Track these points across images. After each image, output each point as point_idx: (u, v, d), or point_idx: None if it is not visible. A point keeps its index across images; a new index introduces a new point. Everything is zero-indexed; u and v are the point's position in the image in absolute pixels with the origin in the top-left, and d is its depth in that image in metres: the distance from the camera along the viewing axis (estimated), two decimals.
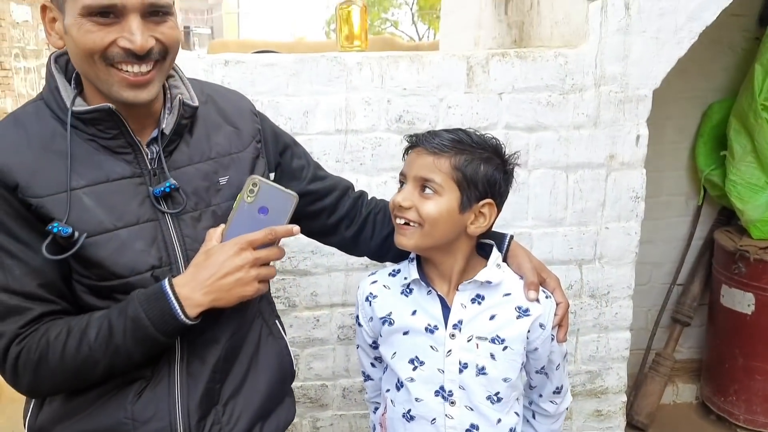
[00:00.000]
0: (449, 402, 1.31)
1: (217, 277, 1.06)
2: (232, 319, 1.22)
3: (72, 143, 1.07)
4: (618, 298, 2.15)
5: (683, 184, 3.20)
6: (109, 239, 1.07)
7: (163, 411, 1.15)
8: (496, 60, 1.94)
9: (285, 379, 1.39)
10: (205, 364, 1.19)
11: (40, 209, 1.04)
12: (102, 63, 1.03)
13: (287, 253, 2.02)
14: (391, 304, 1.37)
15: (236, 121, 1.27)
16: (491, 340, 1.30)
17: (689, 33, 1.97)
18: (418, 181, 1.25)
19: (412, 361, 1.33)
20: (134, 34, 1.02)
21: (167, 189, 1.11)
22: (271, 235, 1.09)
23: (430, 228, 1.25)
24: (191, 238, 1.14)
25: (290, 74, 1.89)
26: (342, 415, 2.18)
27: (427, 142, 1.26)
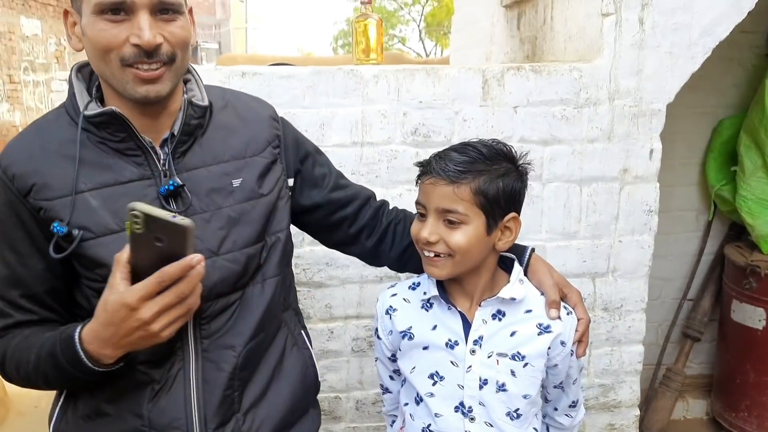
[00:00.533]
0: (469, 418, 1.31)
1: (119, 336, 1.01)
2: (247, 326, 1.21)
3: (85, 147, 1.11)
4: (631, 311, 2.15)
5: (694, 200, 3.20)
6: (113, 240, 1.09)
7: (179, 418, 1.15)
8: (511, 73, 1.96)
9: (309, 391, 1.38)
10: (222, 371, 1.18)
11: (49, 212, 1.09)
12: (118, 63, 1.06)
13: (302, 266, 2.04)
14: (411, 318, 1.36)
15: (253, 125, 1.28)
16: (511, 356, 1.30)
17: (703, 48, 1.98)
18: (441, 213, 1.23)
19: (431, 376, 1.33)
20: (142, 30, 1.04)
21: (171, 187, 1.12)
22: (163, 281, 0.96)
23: (462, 258, 1.25)
24: (200, 239, 1.14)
25: (307, 86, 1.91)
26: (355, 427, 2.18)
27: (443, 171, 1.22)
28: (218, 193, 1.19)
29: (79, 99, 1.13)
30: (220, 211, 1.18)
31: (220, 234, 1.17)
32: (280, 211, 1.29)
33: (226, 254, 1.18)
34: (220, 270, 1.17)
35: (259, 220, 1.23)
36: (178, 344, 1.16)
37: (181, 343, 1.16)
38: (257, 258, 1.23)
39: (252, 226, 1.21)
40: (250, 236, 1.21)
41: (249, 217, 1.21)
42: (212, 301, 1.17)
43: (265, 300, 1.24)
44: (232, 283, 1.19)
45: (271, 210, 1.25)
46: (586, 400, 2.21)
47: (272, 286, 1.26)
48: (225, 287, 1.18)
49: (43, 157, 1.11)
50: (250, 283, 1.23)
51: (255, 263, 1.22)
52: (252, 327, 1.22)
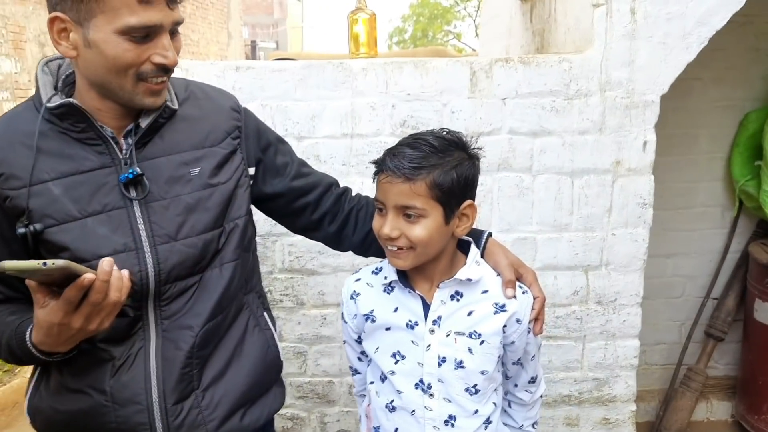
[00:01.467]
0: (428, 394, 1.35)
1: (63, 340, 1.10)
2: (204, 308, 1.27)
3: (48, 138, 1.18)
4: (626, 305, 2.13)
5: (718, 195, 3.11)
6: (74, 227, 1.16)
7: (140, 393, 1.21)
8: (499, 65, 1.97)
9: (270, 369, 1.43)
10: (179, 350, 1.24)
11: (14, 200, 1.15)
12: (134, 78, 1.13)
13: (295, 253, 2.10)
14: (373, 301, 1.41)
15: (213, 116, 1.33)
16: (468, 335, 1.34)
17: (698, 38, 1.94)
18: (399, 209, 1.27)
19: (394, 355, 1.38)
20: (167, 50, 1.13)
21: (130, 175, 1.18)
22: (72, 302, 1.03)
23: (423, 249, 1.29)
24: (158, 224, 1.21)
25: (298, 80, 1.97)
26: (349, 411, 2.24)
27: (398, 169, 1.25)
28: (177, 182, 1.24)
29: (43, 92, 1.20)
30: (178, 199, 1.24)
31: (177, 220, 1.23)
32: (239, 198, 1.34)
33: (184, 239, 1.24)
34: (178, 254, 1.23)
35: (217, 207, 1.28)
36: (139, 324, 1.23)
37: (142, 323, 1.23)
38: (215, 243, 1.28)
39: (209, 213, 1.27)
40: (208, 222, 1.27)
41: (206, 205, 1.27)
42: (171, 284, 1.23)
43: (223, 283, 1.30)
44: (189, 267, 1.25)
45: (229, 198, 1.31)
46: (579, 393, 2.20)
47: (230, 270, 1.31)
48: (183, 270, 1.24)
49: (8, 148, 1.17)
50: (208, 267, 1.28)
51: (213, 248, 1.28)
52: (209, 309, 1.27)
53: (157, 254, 1.21)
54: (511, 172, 2.04)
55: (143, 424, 1.22)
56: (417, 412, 1.36)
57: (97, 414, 1.22)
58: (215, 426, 1.28)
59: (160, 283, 1.21)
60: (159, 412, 1.22)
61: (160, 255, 1.21)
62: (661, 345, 3.23)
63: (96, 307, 1.05)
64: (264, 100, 1.97)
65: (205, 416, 1.27)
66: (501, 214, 2.06)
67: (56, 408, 1.26)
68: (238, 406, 1.33)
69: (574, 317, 2.14)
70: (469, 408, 1.36)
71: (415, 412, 1.36)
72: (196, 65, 1.98)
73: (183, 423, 1.24)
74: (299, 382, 2.21)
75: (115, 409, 1.21)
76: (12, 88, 6.54)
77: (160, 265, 1.21)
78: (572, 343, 2.17)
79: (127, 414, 1.21)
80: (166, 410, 1.23)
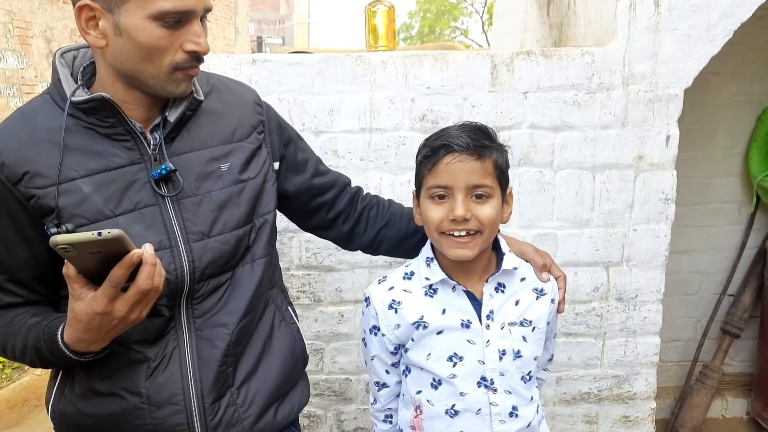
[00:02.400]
0: (492, 390, 1.34)
1: (102, 334, 1.06)
2: (238, 305, 1.25)
3: (73, 134, 1.13)
4: (647, 302, 2.10)
5: (736, 191, 3.08)
6: (107, 225, 1.11)
7: (177, 394, 1.19)
8: (520, 59, 1.94)
9: (297, 364, 1.42)
10: (216, 348, 1.22)
11: (41, 200, 1.11)
12: (169, 67, 1.11)
13: (312, 250, 2.08)
14: (420, 307, 1.37)
15: (238, 110, 1.31)
16: (520, 323, 1.36)
17: (723, 30, 1.91)
18: (470, 190, 1.25)
19: (450, 358, 1.35)
20: (200, 37, 1.11)
21: (163, 171, 1.15)
22: (118, 283, 1.00)
23: (490, 232, 1.28)
24: (191, 222, 1.19)
25: (316, 73, 1.95)
26: (366, 409, 2.21)
27: (468, 147, 1.24)
28: (207, 178, 1.22)
29: (65, 85, 1.15)
30: (209, 195, 1.22)
31: (210, 216, 1.21)
32: (267, 193, 1.32)
33: (218, 236, 1.22)
34: (212, 251, 1.21)
35: (248, 203, 1.26)
36: (171, 324, 1.20)
37: (174, 323, 1.20)
38: (246, 239, 1.27)
39: (241, 209, 1.25)
40: (240, 218, 1.25)
41: (238, 200, 1.25)
42: (204, 282, 1.21)
43: (255, 279, 1.28)
44: (223, 264, 1.23)
45: (258, 193, 1.29)
46: (599, 391, 2.18)
47: (261, 266, 1.30)
48: (216, 268, 1.22)
49: (32, 145, 1.12)
50: (240, 263, 1.27)
51: (244, 244, 1.27)
52: (244, 305, 1.26)
53: (192, 252, 1.19)
54: (532, 167, 2.01)
55: (181, 425, 1.20)
56: (483, 410, 1.35)
57: (131, 417, 1.20)
58: (251, 423, 1.27)
59: (194, 281, 1.20)
60: (197, 412, 1.21)
61: (195, 252, 1.19)
62: (677, 342, 3.20)
63: (145, 295, 1.03)
64: (281, 94, 1.95)
65: (241, 414, 1.26)
66: (521, 209, 2.04)
67: (85, 412, 1.23)
68: (271, 401, 1.32)
69: (595, 314, 2.12)
70: (526, 396, 1.38)
71: (480, 411, 1.35)
72: (211, 58, 1.95)
73: (221, 422, 1.23)
74: (316, 380, 2.19)
75: (152, 411, 1.19)
76: (18, 83, 6.52)
77: (195, 262, 1.19)
78: (592, 340, 2.14)
79: (165, 415, 1.19)
80: (204, 410, 1.21)
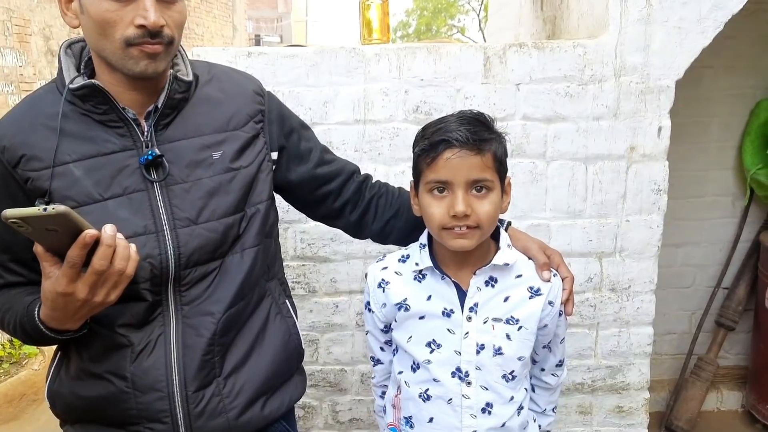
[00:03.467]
0: (465, 382, 1.34)
1: (69, 314, 1.08)
2: (226, 294, 1.26)
3: (70, 120, 1.17)
4: (640, 292, 2.11)
5: (730, 184, 3.10)
6: (95, 209, 1.15)
7: (161, 380, 1.20)
8: (513, 51, 1.95)
9: (291, 357, 1.42)
10: (201, 336, 1.23)
11: (35, 182, 1.15)
12: (122, 42, 1.11)
13: (307, 240, 2.09)
14: (405, 290, 1.38)
15: (236, 99, 1.31)
16: (506, 320, 1.33)
17: (714, 22, 1.92)
18: (470, 185, 1.24)
19: (429, 344, 1.36)
20: (148, 11, 1.09)
21: (150, 156, 1.17)
22: (75, 263, 1.00)
23: (489, 226, 1.27)
24: (179, 208, 1.20)
25: (310, 65, 1.96)
26: (360, 400, 2.23)
27: (467, 141, 1.22)
28: (198, 165, 1.23)
29: (66, 73, 1.19)
30: (199, 182, 1.23)
31: (199, 204, 1.22)
32: (261, 183, 1.32)
33: (205, 223, 1.22)
34: (199, 238, 1.22)
35: (238, 192, 1.27)
36: (159, 310, 1.22)
37: (161, 309, 1.22)
38: (236, 228, 1.27)
39: (230, 197, 1.26)
40: (229, 206, 1.25)
41: (228, 188, 1.25)
42: (191, 269, 1.22)
43: (244, 269, 1.28)
44: (210, 252, 1.24)
45: (251, 182, 1.30)
46: (593, 381, 2.19)
47: (251, 255, 1.30)
48: (203, 255, 1.23)
49: (30, 129, 1.17)
50: (229, 252, 1.27)
51: (234, 233, 1.27)
52: (231, 295, 1.26)
53: (178, 238, 1.20)
54: (525, 158, 2.03)
55: (164, 411, 1.21)
56: (454, 401, 1.35)
57: (117, 400, 1.21)
58: (236, 414, 1.27)
59: (180, 268, 1.20)
60: (180, 399, 1.22)
61: (181, 239, 1.20)
62: (672, 335, 3.22)
63: (100, 276, 1.03)
64: (276, 86, 1.96)
65: (227, 404, 1.26)
66: (514, 200, 2.05)
67: (77, 393, 1.25)
68: (260, 394, 1.32)
69: (588, 304, 2.13)
70: (505, 395, 1.35)
71: (452, 401, 1.35)
72: (207, 51, 1.96)
73: (204, 410, 1.24)
74: (311, 371, 2.20)
75: (136, 396, 1.21)
76: (17, 81, 6.52)
77: (180, 248, 1.20)
78: (586, 330, 2.16)
79: (148, 401, 1.21)
80: (187, 397, 1.22)
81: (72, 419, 1.32)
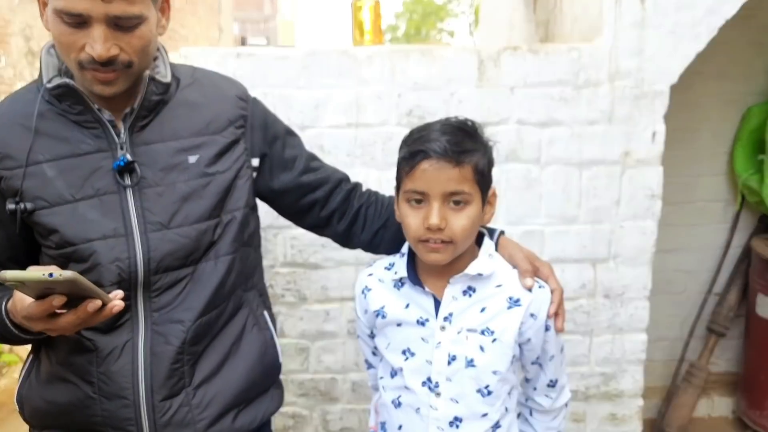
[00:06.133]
0: (435, 393, 1.31)
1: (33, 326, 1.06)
2: (197, 302, 1.22)
3: (46, 119, 1.16)
4: (634, 299, 2.09)
5: (721, 190, 3.09)
6: (65, 210, 1.14)
7: (126, 387, 1.17)
8: (507, 54, 1.93)
9: (268, 371, 1.38)
10: (169, 344, 1.20)
11: (8, 180, 1.14)
12: (75, 64, 1.10)
13: (298, 247, 2.06)
14: (384, 297, 1.37)
15: (217, 104, 1.29)
16: (481, 332, 1.29)
17: (707, 27, 1.91)
18: (447, 197, 1.21)
19: (404, 351, 1.34)
20: (96, 42, 1.06)
21: (122, 162, 1.15)
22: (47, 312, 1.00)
23: (465, 240, 1.24)
24: (151, 212, 1.17)
25: (301, 67, 1.93)
26: (351, 409, 2.19)
27: (445, 153, 1.19)
28: (173, 169, 1.21)
29: (45, 73, 1.17)
30: (173, 186, 1.20)
31: (171, 208, 1.19)
32: (238, 190, 1.29)
33: (177, 228, 1.19)
34: (170, 243, 1.19)
35: (213, 197, 1.24)
36: (127, 315, 1.18)
37: (130, 314, 1.18)
38: (210, 234, 1.24)
39: (205, 202, 1.22)
40: (203, 212, 1.22)
41: (202, 193, 1.22)
42: (162, 274, 1.19)
43: (218, 277, 1.25)
44: (182, 257, 1.20)
45: (227, 188, 1.26)
46: (586, 389, 2.17)
47: (226, 263, 1.26)
48: (175, 261, 1.20)
49: (6, 128, 1.16)
50: (202, 259, 1.24)
51: (207, 239, 1.24)
52: (203, 303, 1.23)
53: (148, 242, 1.17)
54: (519, 163, 2.00)
55: (129, 419, 1.18)
56: (422, 410, 1.32)
57: (83, 406, 1.19)
58: (205, 425, 1.24)
59: (149, 273, 1.17)
60: (146, 407, 1.19)
61: (151, 243, 1.17)
62: (663, 341, 3.20)
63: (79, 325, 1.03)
64: (266, 89, 1.92)
65: (195, 415, 1.23)
66: (508, 206, 2.03)
67: (45, 398, 1.24)
68: (231, 406, 1.28)
69: (582, 311, 2.11)
70: (477, 410, 1.30)
71: (419, 410, 1.32)
72: (195, 52, 1.93)
73: (171, 421, 1.20)
74: (301, 379, 2.17)
75: (102, 402, 1.18)
76: None
77: (150, 253, 1.17)
78: (579, 337, 2.14)
79: (113, 408, 1.18)
80: (154, 406, 1.19)
81: (40, 425, 1.29)
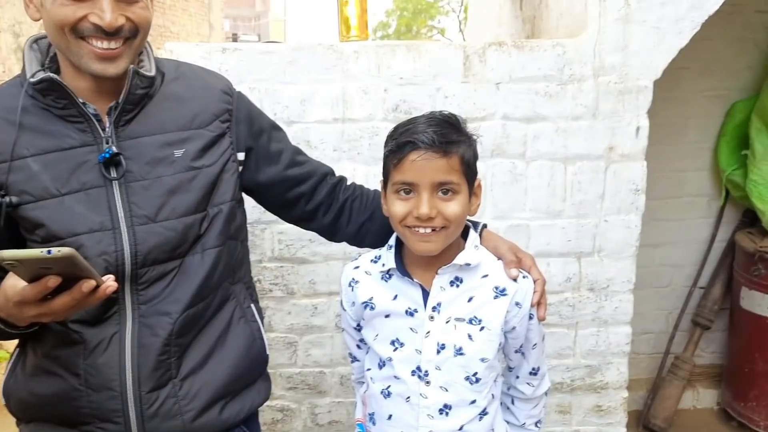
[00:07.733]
0: (424, 382, 1.33)
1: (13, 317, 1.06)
2: (184, 294, 1.23)
3: (31, 114, 1.15)
4: (618, 292, 2.12)
5: (706, 185, 3.13)
6: (51, 204, 1.14)
7: (113, 379, 1.18)
8: (492, 49, 1.95)
9: (255, 363, 1.40)
10: (156, 336, 1.21)
11: None
12: (72, 36, 1.09)
13: (286, 241, 2.06)
14: (372, 289, 1.38)
15: (202, 98, 1.29)
16: (469, 321, 1.32)
17: (691, 23, 1.93)
18: (436, 187, 1.24)
19: (393, 342, 1.36)
20: (104, 11, 1.07)
21: (107, 154, 1.15)
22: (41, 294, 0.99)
23: (455, 228, 1.27)
24: (137, 205, 1.18)
25: (287, 62, 1.93)
26: (340, 402, 2.20)
27: (433, 143, 1.21)
28: (159, 163, 1.21)
29: (28, 68, 1.17)
30: (159, 180, 1.21)
31: (158, 201, 1.20)
32: (225, 183, 1.30)
33: (164, 221, 1.20)
34: (157, 236, 1.19)
35: (200, 191, 1.25)
36: (115, 308, 1.19)
37: (117, 307, 1.19)
38: (197, 227, 1.25)
39: (191, 196, 1.23)
40: (189, 206, 1.23)
41: (189, 187, 1.23)
42: (149, 267, 1.20)
43: (204, 270, 1.26)
44: (169, 251, 1.21)
45: (213, 182, 1.27)
46: (572, 381, 2.19)
47: (212, 256, 1.28)
48: (161, 254, 1.21)
49: None
50: (189, 252, 1.25)
51: (194, 233, 1.25)
52: (190, 295, 1.24)
53: (135, 235, 1.18)
54: (505, 158, 2.02)
55: (116, 411, 1.19)
56: (412, 399, 1.34)
57: (70, 398, 1.20)
58: (192, 417, 1.25)
59: (137, 266, 1.18)
60: (133, 399, 1.20)
61: (138, 236, 1.18)
62: (649, 334, 3.24)
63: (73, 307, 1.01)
64: (252, 83, 1.93)
65: (182, 406, 1.24)
66: (494, 200, 2.04)
67: (31, 390, 1.24)
68: (218, 398, 1.29)
69: (567, 304, 2.13)
70: (466, 397, 1.33)
71: (410, 399, 1.34)
72: (181, 47, 1.93)
73: (158, 412, 1.21)
74: (289, 373, 2.18)
75: (89, 394, 1.19)
76: None
77: (137, 246, 1.18)
78: (564, 330, 2.16)
79: (101, 400, 1.19)
80: (141, 398, 1.20)
81: (26, 418, 1.30)
